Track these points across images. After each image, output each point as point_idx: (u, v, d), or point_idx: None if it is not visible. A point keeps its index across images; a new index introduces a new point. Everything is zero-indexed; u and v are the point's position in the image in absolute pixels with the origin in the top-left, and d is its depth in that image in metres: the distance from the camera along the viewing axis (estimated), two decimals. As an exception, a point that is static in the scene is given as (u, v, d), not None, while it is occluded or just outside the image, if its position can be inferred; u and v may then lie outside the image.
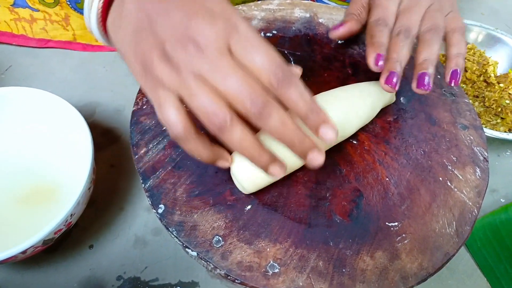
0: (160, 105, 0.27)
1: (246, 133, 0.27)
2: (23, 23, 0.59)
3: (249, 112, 0.26)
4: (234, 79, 0.26)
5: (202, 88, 0.26)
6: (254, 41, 0.27)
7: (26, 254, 0.35)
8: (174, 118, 0.27)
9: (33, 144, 0.47)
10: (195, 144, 0.28)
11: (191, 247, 0.31)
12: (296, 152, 0.29)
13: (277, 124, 0.27)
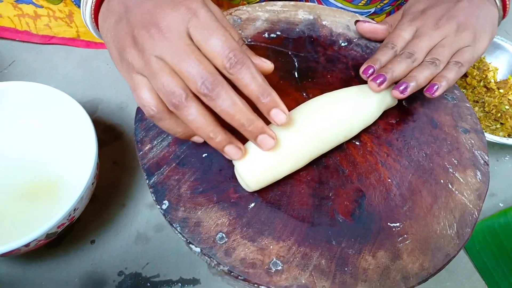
0: (134, 87, 0.30)
1: (202, 112, 0.29)
2: (27, 19, 0.60)
3: (199, 92, 0.28)
4: (189, 60, 0.28)
5: (162, 69, 0.28)
6: (211, 26, 0.28)
7: (29, 247, 0.35)
8: (147, 99, 0.30)
9: (37, 138, 0.47)
10: (169, 122, 0.31)
11: (194, 243, 0.31)
12: (246, 134, 0.30)
13: (226, 104, 0.28)
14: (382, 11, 0.62)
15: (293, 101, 0.41)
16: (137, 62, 0.29)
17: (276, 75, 0.43)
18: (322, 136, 0.35)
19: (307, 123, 0.34)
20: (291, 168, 0.34)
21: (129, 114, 0.56)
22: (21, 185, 0.44)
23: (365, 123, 0.38)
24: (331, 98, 0.37)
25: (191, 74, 0.28)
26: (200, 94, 0.28)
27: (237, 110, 0.29)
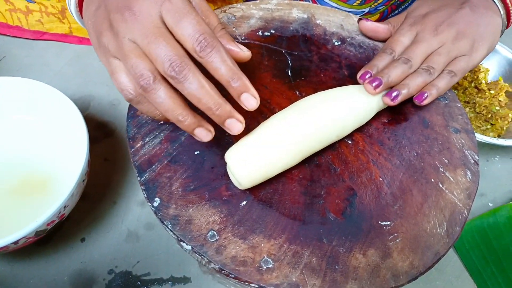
0: (112, 72, 0.30)
1: (170, 95, 0.29)
2: (19, 14, 0.59)
3: (167, 74, 0.28)
4: (157, 42, 0.28)
5: (132, 51, 0.29)
6: (183, 10, 0.29)
7: (17, 245, 0.35)
8: (124, 83, 0.30)
9: (27, 135, 0.47)
10: (147, 105, 0.31)
11: (185, 241, 0.31)
12: (214, 118, 0.30)
13: (194, 87, 0.28)
14: (376, 11, 0.62)
15: (286, 99, 0.41)
16: (112, 46, 0.30)
17: (269, 73, 0.43)
18: (315, 135, 0.35)
19: (301, 122, 0.35)
20: (283, 167, 0.34)
21: (121, 111, 0.55)
22: (10, 181, 0.43)
23: (358, 123, 0.38)
24: (325, 97, 0.37)
25: (159, 56, 0.28)
26: (167, 76, 0.28)
27: (205, 93, 0.28)
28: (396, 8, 0.64)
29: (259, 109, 0.39)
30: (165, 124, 0.37)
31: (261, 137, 0.34)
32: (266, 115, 0.39)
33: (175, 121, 0.30)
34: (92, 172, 0.46)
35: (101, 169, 0.49)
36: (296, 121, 0.35)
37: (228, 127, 0.31)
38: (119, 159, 0.51)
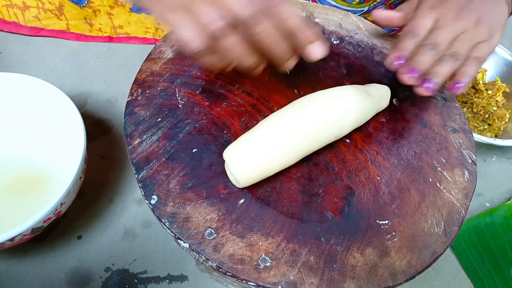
0: (175, 26, 0.30)
1: (241, 40, 0.31)
2: (15, 9, 0.59)
3: (242, 17, 0.29)
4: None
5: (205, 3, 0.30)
6: None
7: (14, 241, 0.35)
8: (191, 35, 0.30)
9: (24, 131, 0.46)
10: (212, 57, 0.32)
11: (183, 239, 0.31)
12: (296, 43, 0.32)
13: (267, 29, 0.31)
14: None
15: (284, 97, 0.41)
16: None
17: (267, 72, 0.42)
18: (313, 135, 0.35)
19: (299, 121, 0.34)
20: (281, 165, 0.34)
21: (118, 108, 0.55)
22: (7, 178, 0.43)
23: (357, 124, 0.38)
24: (324, 97, 0.37)
25: (234, 3, 0.29)
26: (242, 18, 0.30)
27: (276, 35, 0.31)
28: (395, 7, 0.64)
29: (257, 107, 0.39)
30: (163, 121, 0.37)
31: (260, 135, 0.34)
32: (264, 114, 0.39)
33: (246, 65, 0.32)
34: (89, 170, 0.46)
35: (98, 166, 0.49)
36: (294, 120, 0.35)
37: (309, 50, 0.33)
38: (116, 156, 0.50)
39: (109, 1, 0.60)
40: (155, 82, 0.39)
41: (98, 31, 0.62)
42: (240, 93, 0.40)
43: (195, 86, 0.40)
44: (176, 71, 0.41)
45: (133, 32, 0.63)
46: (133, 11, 0.62)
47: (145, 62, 0.41)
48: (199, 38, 0.30)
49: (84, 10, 0.60)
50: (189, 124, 0.37)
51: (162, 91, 0.39)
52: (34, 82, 0.44)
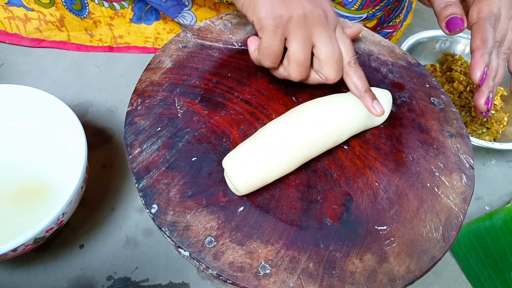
0: (263, 49, 0.38)
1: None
2: (17, 22, 0.59)
3: (349, 62, 0.39)
4: (336, 51, 0.38)
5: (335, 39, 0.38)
6: (344, 32, 0.39)
7: (16, 252, 0.35)
8: (267, 64, 0.39)
9: (26, 141, 0.47)
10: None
11: (183, 247, 0.31)
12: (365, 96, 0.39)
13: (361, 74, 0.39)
14: (374, 17, 0.63)
15: (282, 105, 0.41)
16: (300, 29, 0.36)
17: (266, 80, 0.43)
18: (312, 142, 0.35)
19: (298, 128, 0.35)
20: (280, 173, 0.35)
21: (119, 117, 0.55)
22: (9, 188, 0.43)
23: (355, 131, 0.39)
24: (323, 104, 0.38)
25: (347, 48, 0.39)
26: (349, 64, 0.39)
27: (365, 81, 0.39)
28: (392, 12, 0.64)
29: (256, 115, 0.40)
30: (162, 130, 0.37)
31: (259, 143, 0.34)
32: (263, 121, 0.39)
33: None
34: (91, 179, 0.46)
35: (99, 175, 0.49)
36: (293, 128, 0.35)
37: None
38: (117, 165, 0.51)
39: (109, 12, 0.61)
40: (154, 91, 0.40)
41: (99, 41, 0.63)
42: (238, 101, 0.41)
43: (194, 95, 0.40)
44: (175, 80, 0.41)
45: (133, 42, 0.64)
46: (133, 21, 0.63)
47: (145, 72, 0.42)
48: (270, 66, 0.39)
49: (85, 22, 0.61)
50: (189, 133, 0.38)
51: (162, 100, 0.39)
52: (35, 93, 0.44)
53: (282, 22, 0.36)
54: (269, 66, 0.39)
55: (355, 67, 0.39)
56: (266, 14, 0.36)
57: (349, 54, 0.39)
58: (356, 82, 0.39)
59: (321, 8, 0.37)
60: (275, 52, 0.38)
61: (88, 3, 0.59)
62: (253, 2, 0.37)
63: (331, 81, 0.39)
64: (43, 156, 0.46)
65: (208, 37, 0.46)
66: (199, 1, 0.60)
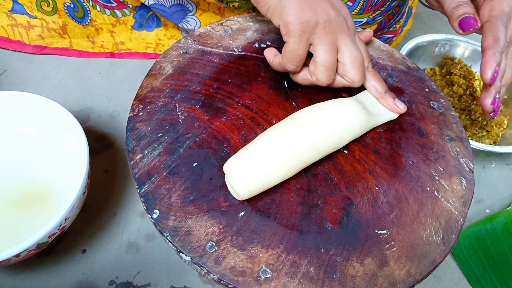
0: (322, 50, 0.38)
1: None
2: (20, 29, 0.60)
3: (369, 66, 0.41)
4: (359, 55, 0.39)
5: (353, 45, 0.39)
6: (360, 39, 0.41)
7: (19, 257, 0.35)
8: (290, 69, 0.41)
9: (28, 148, 0.47)
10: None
11: (185, 252, 0.31)
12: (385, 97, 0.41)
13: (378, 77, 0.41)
14: (374, 21, 0.63)
15: (283, 110, 0.42)
16: (326, 36, 0.38)
17: (266, 85, 0.43)
18: (312, 147, 0.35)
19: (298, 133, 0.35)
20: (281, 177, 0.35)
21: (121, 123, 0.56)
22: (11, 194, 0.44)
23: (355, 135, 0.39)
24: (323, 109, 0.38)
25: (353, 60, 0.39)
26: (367, 68, 0.41)
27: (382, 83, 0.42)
28: (392, 18, 0.65)
29: (256, 120, 0.40)
30: (163, 136, 0.38)
31: (259, 148, 0.34)
32: (263, 127, 0.40)
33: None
34: (93, 184, 0.47)
35: (101, 180, 0.50)
36: (293, 133, 0.35)
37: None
38: (119, 170, 0.51)
39: (111, 20, 0.61)
40: (155, 97, 0.40)
41: (100, 48, 0.64)
42: (239, 106, 0.41)
43: (195, 101, 0.41)
44: (176, 86, 0.42)
45: (134, 48, 0.64)
46: (134, 28, 0.63)
47: (146, 78, 0.42)
48: (293, 69, 0.40)
49: (87, 29, 0.62)
50: (190, 138, 0.38)
51: (163, 106, 0.40)
52: (37, 99, 0.45)
53: (309, 27, 0.37)
54: (293, 69, 0.41)
55: (373, 71, 0.41)
56: (294, 19, 0.37)
57: (367, 59, 0.41)
58: (376, 85, 0.41)
59: (342, 15, 0.39)
60: (300, 56, 0.39)
61: (90, 10, 0.60)
62: (280, 7, 0.38)
63: (356, 84, 0.40)
64: (46, 162, 0.46)
65: (209, 43, 0.46)
66: (203, 6, 0.60)
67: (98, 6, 0.60)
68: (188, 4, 0.59)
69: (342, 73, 0.40)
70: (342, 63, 0.39)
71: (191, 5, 0.59)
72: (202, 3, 0.59)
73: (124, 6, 0.61)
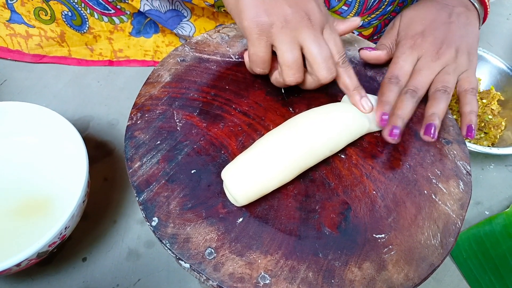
0: (281, 49, 0.37)
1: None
2: (19, 38, 0.60)
3: (338, 62, 0.40)
4: (324, 50, 0.38)
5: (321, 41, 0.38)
6: (333, 32, 0.40)
7: (20, 266, 0.36)
8: (257, 71, 0.40)
9: (27, 157, 0.47)
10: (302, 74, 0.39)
11: (184, 259, 0.32)
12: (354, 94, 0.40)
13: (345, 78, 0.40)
14: (370, 25, 0.64)
15: (280, 116, 0.42)
16: (286, 34, 0.37)
17: (263, 91, 0.44)
18: (309, 152, 0.36)
19: (295, 139, 0.35)
20: (278, 183, 0.35)
21: (120, 130, 0.56)
22: (11, 203, 0.44)
23: (352, 138, 0.39)
24: (319, 113, 0.38)
25: (334, 49, 0.39)
26: (338, 63, 0.40)
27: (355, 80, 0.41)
28: (389, 22, 0.65)
29: (254, 126, 0.40)
30: (162, 144, 0.38)
31: (257, 154, 0.35)
32: (261, 132, 0.40)
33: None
34: (92, 192, 0.47)
35: (101, 188, 0.50)
36: (290, 139, 0.35)
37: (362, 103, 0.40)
38: (118, 178, 0.51)
39: (109, 27, 0.62)
40: (153, 105, 0.41)
41: (99, 56, 0.64)
42: (236, 113, 0.41)
43: (193, 108, 0.41)
44: (174, 94, 0.42)
45: (133, 55, 0.65)
46: (132, 35, 0.64)
47: (144, 86, 0.42)
48: (261, 72, 0.40)
49: (85, 37, 0.62)
50: (188, 145, 0.38)
51: (161, 114, 0.40)
52: (36, 109, 0.45)
53: (264, 29, 0.37)
54: (260, 72, 0.40)
55: (344, 66, 0.40)
56: (249, 23, 0.37)
57: (338, 54, 0.39)
58: (346, 81, 0.40)
59: (303, 11, 0.38)
60: (262, 58, 0.39)
61: (88, 18, 0.61)
62: (238, 9, 0.38)
63: (323, 81, 0.39)
64: (45, 171, 0.47)
65: (206, 50, 0.46)
66: (197, 11, 0.61)
67: (96, 14, 0.60)
68: (182, 9, 0.60)
69: (310, 71, 0.39)
70: (307, 60, 0.39)
71: (186, 10, 0.60)
72: (196, 8, 0.60)
73: (121, 13, 0.61)
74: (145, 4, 0.57)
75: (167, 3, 0.58)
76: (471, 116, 0.42)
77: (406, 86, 0.42)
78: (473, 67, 0.44)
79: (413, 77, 0.43)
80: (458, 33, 0.45)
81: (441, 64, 0.43)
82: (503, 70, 0.65)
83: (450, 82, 0.42)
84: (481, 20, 0.49)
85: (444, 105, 0.41)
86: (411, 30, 0.46)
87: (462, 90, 0.43)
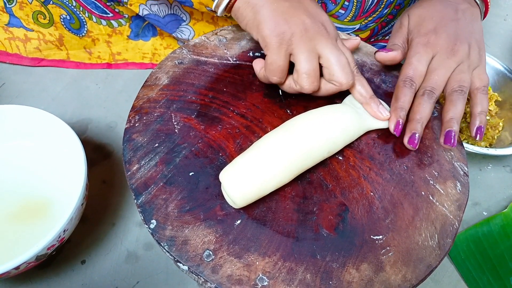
0: (301, 58, 0.38)
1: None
2: (17, 42, 0.61)
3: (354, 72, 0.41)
4: (343, 57, 0.39)
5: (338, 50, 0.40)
6: (343, 44, 0.42)
7: (19, 270, 0.36)
8: (274, 80, 0.41)
9: (26, 160, 0.48)
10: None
11: (182, 261, 0.32)
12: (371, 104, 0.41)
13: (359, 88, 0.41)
14: (367, 28, 0.64)
15: (277, 118, 0.42)
16: (305, 44, 0.38)
17: (260, 93, 0.44)
18: (307, 154, 0.36)
19: (293, 141, 0.36)
20: (276, 185, 0.35)
21: (118, 133, 0.56)
22: (10, 206, 0.44)
23: (349, 140, 0.40)
24: (316, 116, 0.38)
25: (338, 67, 0.39)
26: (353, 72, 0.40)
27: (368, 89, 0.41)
28: (386, 25, 0.65)
29: (251, 128, 0.41)
30: (160, 146, 0.38)
31: (254, 156, 0.35)
32: (258, 135, 0.40)
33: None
34: (91, 194, 0.47)
35: (100, 191, 0.50)
36: (288, 140, 0.36)
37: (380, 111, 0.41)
38: (117, 180, 0.52)
39: (107, 30, 0.62)
40: (151, 108, 0.41)
41: (97, 59, 0.64)
42: (234, 115, 0.41)
43: (191, 111, 0.41)
44: (171, 96, 0.42)
45: (131, 58, 0.65)
46: (130, 38, 0.64)
47: (142, 89, 0.42)
48: (277, 81, 0.41)
49: (83, 40, 0.62)
50: (186, 148, 0.38)
51: (159, 116, 0.40)
52: (34, 112, 0.45)
53: (285, 38, 0.38)
54: (276, 81, 0.41)
55: (358, 76, 0.41)
56: (270, 32, 0.38)
57: (351, 63, 0.41)
58: (361, 90, 0.41)
59: (320, 22, 0.40)
60: (281, 67, 0.39)
61: (86, 21, 0.61)
62: (256, 21, 0.39)
63: (345, 86, 0.40)
64: (44, 174, 0.47)
65: (204, 53, 0.47)
66: (197, 15, 0.61)
67: (94, 17, 0.60)
68: (181, 14, 0.60)
69: (329, 78, 0.40)
70: (326, 67, 0.39)
71: (184, 15, 0.60)
72: (195, 12, 0.60)
73: (120, 17, 0.61)
74: (144, 8, 0.57)
75: (166, 8, 0.58)
76: (481, 116, 0.42)
77: (423, 87, 0.42)
78: (483, 63, 0.45)
79: (430, 77, 0.42)
80: (467, 30, 0.45)
81: (456, 61, 0.43)
82: (500, 71, 0.65)
83: (466, 81, 0.42)
84: (482, 16, 0.49)
85: (461, 107, 0.41)
86: (423, 28, 0.45)
87: (474, 89, 0.43)
